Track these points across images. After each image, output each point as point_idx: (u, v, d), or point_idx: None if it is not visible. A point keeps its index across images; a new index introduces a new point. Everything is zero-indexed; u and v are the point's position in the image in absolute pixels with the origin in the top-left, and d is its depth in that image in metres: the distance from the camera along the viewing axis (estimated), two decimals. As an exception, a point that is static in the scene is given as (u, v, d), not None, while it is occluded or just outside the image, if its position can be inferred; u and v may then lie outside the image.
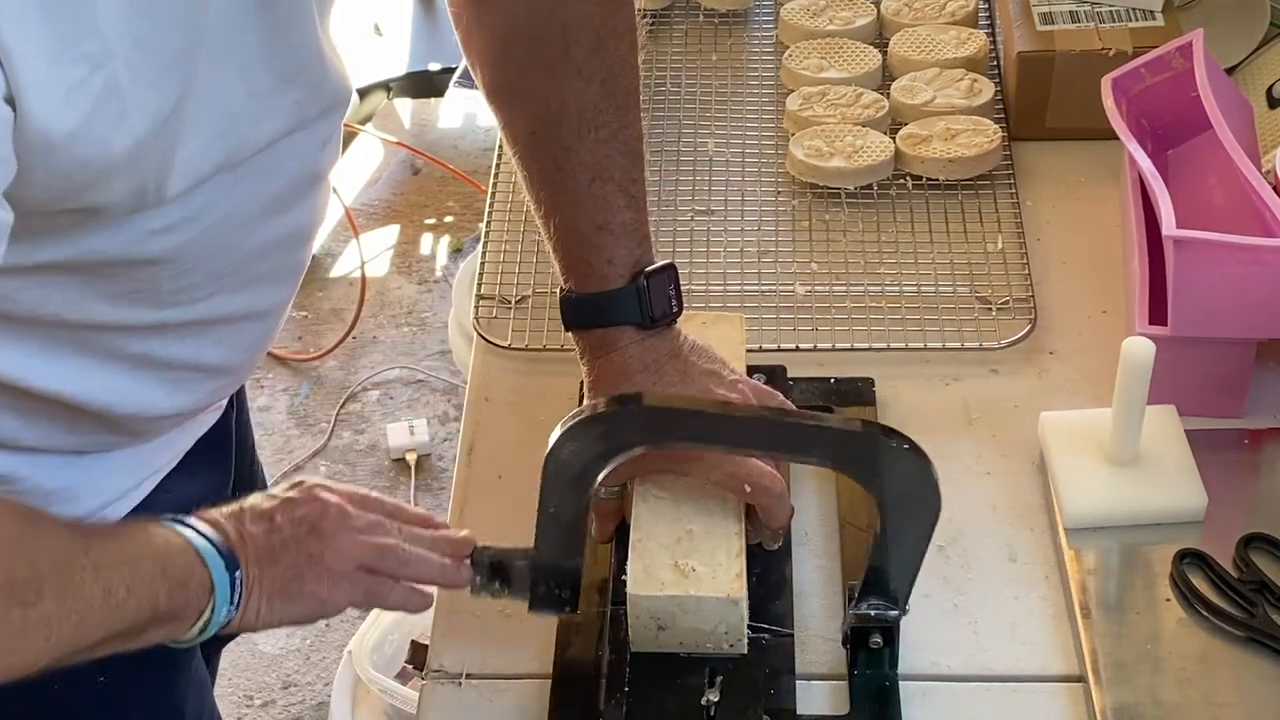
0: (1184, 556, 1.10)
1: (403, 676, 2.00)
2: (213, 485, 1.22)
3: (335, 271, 3.03)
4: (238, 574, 0.97)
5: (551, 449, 0.98)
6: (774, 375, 1.23)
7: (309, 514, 1.01)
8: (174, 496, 1.13)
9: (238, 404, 1.28)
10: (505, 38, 1.10)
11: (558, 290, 1.14)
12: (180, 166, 0.90)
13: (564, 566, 1.03)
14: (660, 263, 1.13)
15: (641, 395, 1.02)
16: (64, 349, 0.98)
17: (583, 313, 1.13)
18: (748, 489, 1.06)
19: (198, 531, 0.97)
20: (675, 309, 1.12)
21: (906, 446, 0.96)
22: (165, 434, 1.12)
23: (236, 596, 0.97)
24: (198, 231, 0.95)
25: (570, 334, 1.14)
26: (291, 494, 1.04)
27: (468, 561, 1.04)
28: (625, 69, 1.11)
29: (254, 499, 1.03)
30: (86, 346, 0.99)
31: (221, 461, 1.25)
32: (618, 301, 1.11)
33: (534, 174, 1.13)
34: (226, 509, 1.01)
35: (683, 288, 1.13)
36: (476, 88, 1.16)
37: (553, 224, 1.12)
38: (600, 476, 0.99)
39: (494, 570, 1.05)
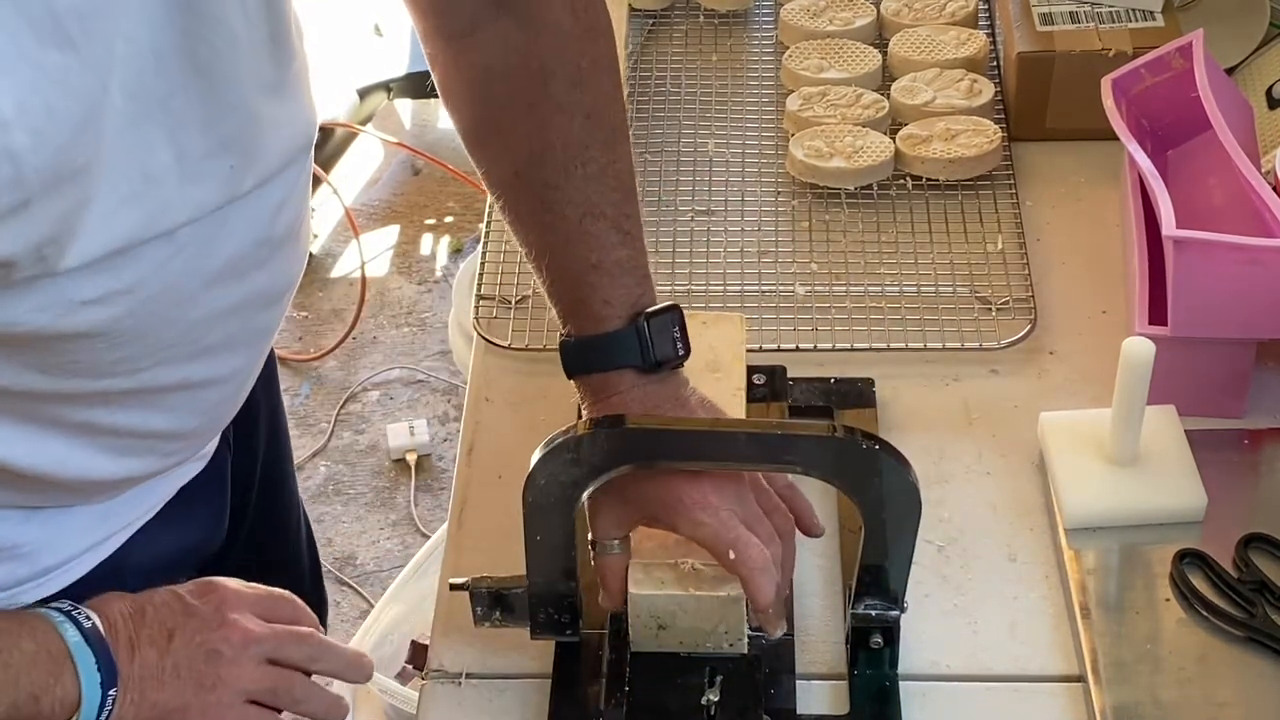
0: (1184, 556, 1.10)
1: (403, 676, 2.00)
2: (200, 532, 1.17)
3: (335, 271, 3.03)
4: (112, 693, 0.95)
5: (529, 476, 0.98)
6: (774, 375, 1.23)
7: (210, 639, 0.99)
8: (152, 547, 1.09)
9: (238, 442, 1.21)
10: (484, 76, 1.07)
11: (558, 336, 1.10)
12: (91, 227, 0.84)
13: (559, 591, 1.04)
14: (663, 304, 1.08)
15: (623, 417, 0.99)
16: (1, 416, 0.93)
17: (581, 357, 1.08)
18: (731, 555, 0.99)
19: (85, 638, 0.94)
20: (680, 353, 1.07)
21: (879, 447, 0.96)
22: (129, 492, 1.07)
23: (106, 714, 0.95)
24: (135, 303, 0.90)
25: (572, 382, 1.09)
26: (198, 605, 1.00)
27: (346, 699, 1.05)
28: (610, 103, 1.08)
29: (160, 601, 0.99)
30: (25, 414, 0.93)
31: (213, 503, 1.19)
32: (616, 343, 1.06)
33: (522, 216, 1.09)
34: (131, 606, 0.98)
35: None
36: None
37: (545, 267, 1.08)
38: (583, 498, 0.99)
39: (493, 601, 1.06)
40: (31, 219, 0.81)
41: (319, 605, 1.47)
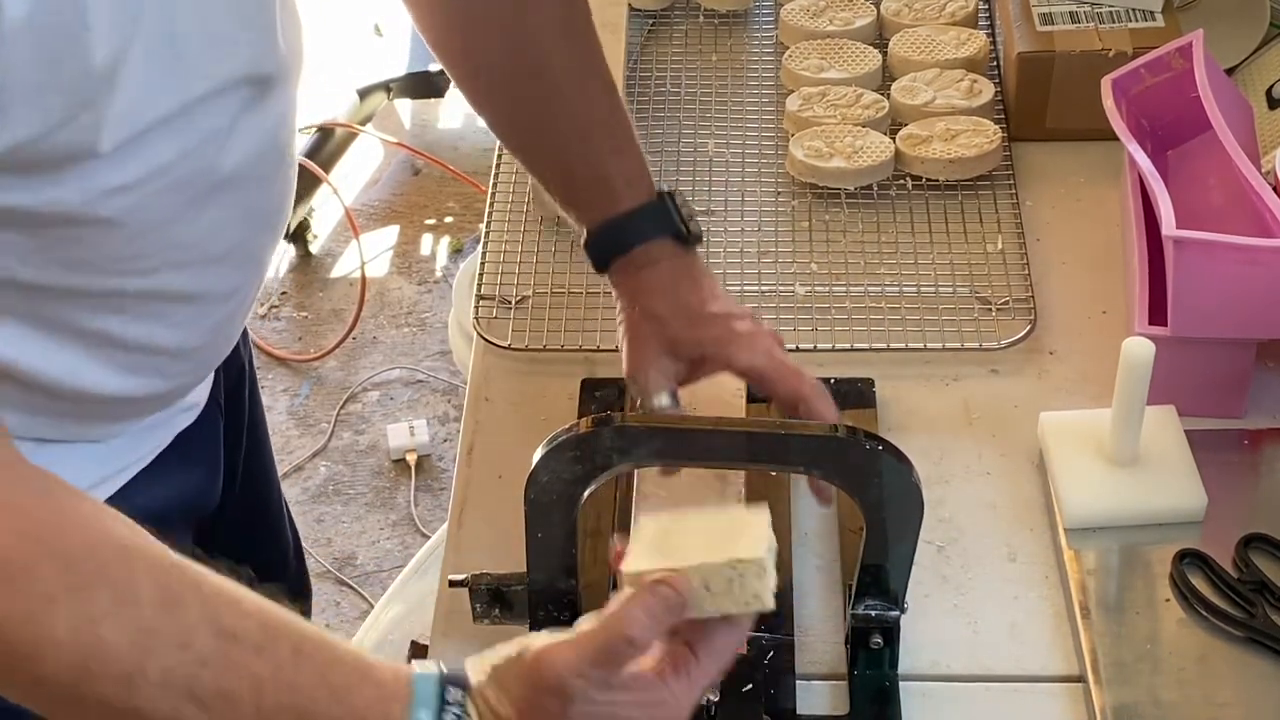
0: (1184, 556, 1.10)
1: (403, 676, 1.99)
2: (195, 486, 1.19)
3: (335, 272, 3.03)
4: None
5: (532, 474, 0.98)
6: (774, 375, 1.23)
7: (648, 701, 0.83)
8: (148, 496, 1.10)
9: (230, 405, 1.25)
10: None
11: (581, 239, 1.14)
12: (124, 91, 0.87)
13: (559, 588, 1.03)
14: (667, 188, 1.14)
15: (617, 416, 1.00)
16: (18, 317, 0.96)
17: (615, 236, 1.12)
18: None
19: None
20: (697, 230, 1.14)
21: (881, 448, 0.96)
22: (127, 427, 1.09)
23: None
24: (151, 193, 0.93)
25: (605, 275, 1.14)
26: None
27: None
28: (586, 15, 1.14)
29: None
30: (40, 317, 0.97)
31: (206, 456, 1.21)
32: (650, 213, 1.12)
33: (539, 115, 1.13)
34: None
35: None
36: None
37: (564, 163, 1.13)
38: (585, 497, 0.99)
39: (493, 598, 1.06)
40: (93, 80, 0.85)
41: (302, 583, 1.49)
